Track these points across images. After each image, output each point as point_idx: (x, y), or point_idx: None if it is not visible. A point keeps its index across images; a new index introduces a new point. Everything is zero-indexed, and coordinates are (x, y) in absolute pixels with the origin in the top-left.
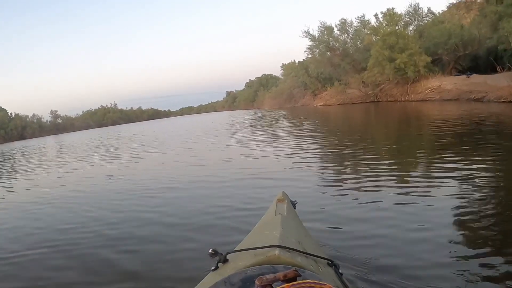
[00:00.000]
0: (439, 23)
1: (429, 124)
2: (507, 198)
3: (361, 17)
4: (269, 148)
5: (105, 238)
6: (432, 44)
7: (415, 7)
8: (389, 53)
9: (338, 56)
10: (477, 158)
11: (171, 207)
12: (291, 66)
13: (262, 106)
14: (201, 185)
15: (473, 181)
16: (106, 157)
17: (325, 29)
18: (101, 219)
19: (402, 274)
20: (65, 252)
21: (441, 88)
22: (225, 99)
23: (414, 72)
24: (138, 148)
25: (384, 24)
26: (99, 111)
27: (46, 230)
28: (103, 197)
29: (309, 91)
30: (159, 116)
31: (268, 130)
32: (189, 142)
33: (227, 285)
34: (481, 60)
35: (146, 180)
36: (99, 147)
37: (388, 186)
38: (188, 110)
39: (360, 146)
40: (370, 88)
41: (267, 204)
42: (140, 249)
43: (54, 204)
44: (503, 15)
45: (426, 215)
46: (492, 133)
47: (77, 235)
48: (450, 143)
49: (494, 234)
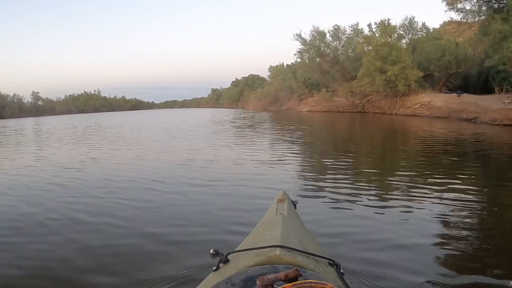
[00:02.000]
0: (433, 39)
1: (419, 139)
2: (482, 216)
3: (355, 25)
4: (250, 152)
5: (105, 234)
6: (425, 59)
7: (410, 20)
8: (380, 64)
9: (328, 62)
10: (464, 178)
11: (170, 207)
12: (279, 68)
13: (246, 106)
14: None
15: (458, 202)
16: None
17: (317, 34)
18: (109, 215)
19: (402, 274)
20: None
21: (431, 104)
22: (209, 96)
23: (404, 86)
24: (135, 146)
25: (377, 34)
26: (82, 96)
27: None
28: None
29: (295, 95)
30: (143, 107)
31: (253, 133)
32: (179, 140)
33: (229, 285)
34: (471, 80)
35: (146, 181)
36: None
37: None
38: (172, 104)
39: (350, 155)
40: (358, 98)
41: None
42: (140, 249)
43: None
44: (508, 34)
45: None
46: (480, 155)
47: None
48: (438, 161)
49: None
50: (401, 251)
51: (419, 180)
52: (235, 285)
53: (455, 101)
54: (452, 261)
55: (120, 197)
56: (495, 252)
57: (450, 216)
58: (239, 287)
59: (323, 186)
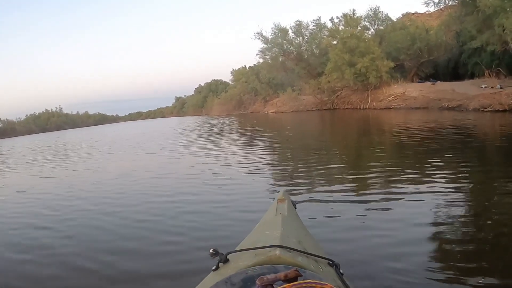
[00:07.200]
0: (400, 29)
1: (416, 133)
2: (468, 210)
3: (317, 20)
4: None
5: (105, 236)
6: (393, 49)
7: (375, 10)
8: (349, 57)
9: (292, 60)
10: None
11: (170, 208)
12: (241, 71)
13: (210, 113)
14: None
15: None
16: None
17: (279, 31)
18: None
19: (402, 274)
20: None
21: (405, 95)
22: (173, 104)
23: (376, 78)
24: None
25: (341, 27)
26: (43, 115)
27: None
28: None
29: (259, 97)
30: (107, 121)
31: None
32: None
33: (228, 285)
34: (440, 67)
35: (147, 182)
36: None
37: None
38: (137, 116)
39: (330, 153)
40: (326, 94)
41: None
42: (140, 249)
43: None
44: (499, 10)
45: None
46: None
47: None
48: (444, 158)
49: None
50: (401, 251)
51: (423, 179)
52: (235, 285)
53: (431, 89)
54: (451, 258)
55: (122, 204)
56: (493, 249)
57: (452, 217)
58: (238, 287)
59: (314, 188)
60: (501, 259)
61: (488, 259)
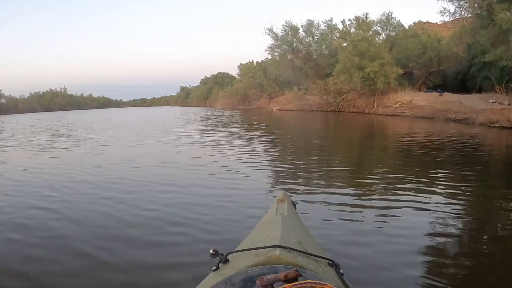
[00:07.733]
0: (411, 37)
1: (429, 144)
2: (484, 219)
3: (329, 21)
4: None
5: (100, 236)
6: (404, 56)
7: (388, 15)
8: (358, 60)
9: (300, 59)
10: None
11: (169, 208)
12: (248, 66)
13: (214, 105)
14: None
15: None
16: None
17: (289, 29)
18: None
19: (402, 274)
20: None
21: (412, 103)
22: (178, 94)
23: (384, 84)
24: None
25: (352, 30)
26: (47, 94)
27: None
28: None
29: (265, 93)
30: (110, 105)
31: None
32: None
33: (228, 286)
34: (449, 79)
35: (147, 180)
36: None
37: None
38: (140, 102)
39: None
40: (332, 96)
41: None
42: (140, 249)
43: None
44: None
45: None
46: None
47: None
48: (451, 168)
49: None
50: (401, 252)
51: (425, 188)
52: (235, 285)
53: (438, 100)
54: (450, 261)
55: (120, 201)
56: (493, 256)
57: (452, 217)
58: (238, 287)
59: (315, 189)
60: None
61: (494, 273)
